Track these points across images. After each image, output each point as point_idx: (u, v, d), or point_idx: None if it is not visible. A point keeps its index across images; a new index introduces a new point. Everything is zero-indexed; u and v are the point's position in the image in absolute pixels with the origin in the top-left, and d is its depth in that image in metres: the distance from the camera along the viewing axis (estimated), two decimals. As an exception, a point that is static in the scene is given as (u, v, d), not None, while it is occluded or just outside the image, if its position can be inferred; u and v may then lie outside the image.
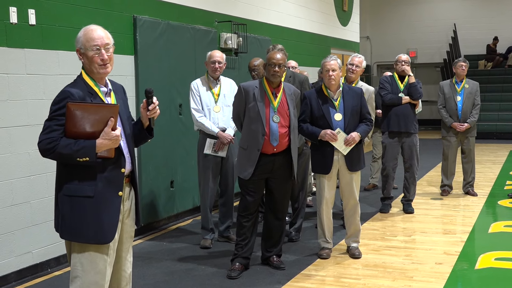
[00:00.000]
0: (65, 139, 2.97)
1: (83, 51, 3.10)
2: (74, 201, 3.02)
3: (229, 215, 6.02)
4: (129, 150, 3.22)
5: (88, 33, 3.11)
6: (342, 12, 13.47)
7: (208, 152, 5.73)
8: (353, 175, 5.30)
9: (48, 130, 2.99)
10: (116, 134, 3.01)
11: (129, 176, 3.24)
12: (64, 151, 2.95)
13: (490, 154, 12.73)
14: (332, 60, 5.22)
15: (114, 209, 3.10)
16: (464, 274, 5.03)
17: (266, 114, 4.86)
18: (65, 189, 3.05)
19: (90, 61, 3.09)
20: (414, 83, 6.95)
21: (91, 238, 3.03)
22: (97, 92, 3.11)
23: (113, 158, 3.07)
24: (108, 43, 3.13)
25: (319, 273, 5.04)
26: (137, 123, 3.35)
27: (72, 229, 3.04)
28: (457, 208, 7.50)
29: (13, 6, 4.85)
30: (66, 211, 3.04)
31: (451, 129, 7.93)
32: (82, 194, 3.02)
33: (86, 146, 2.95)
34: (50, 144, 2.96)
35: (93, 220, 3.02)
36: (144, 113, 3.25)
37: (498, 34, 18.91)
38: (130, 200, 3.28)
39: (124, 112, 3.24)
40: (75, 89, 3.04)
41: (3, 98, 4.81)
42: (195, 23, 7.38)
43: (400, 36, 20.04)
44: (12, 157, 4.90)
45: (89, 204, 3.02)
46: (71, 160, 2.97)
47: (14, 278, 4.93)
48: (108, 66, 3.12)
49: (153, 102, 3.22)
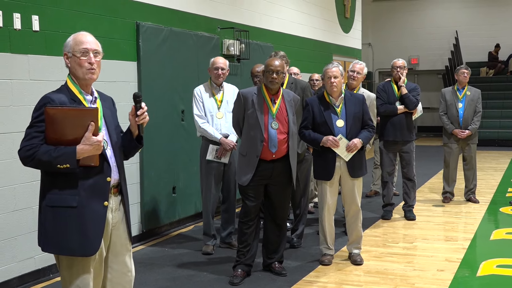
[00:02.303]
0: (45, 145, 2.87)
1: (70, 54, 3.04)
2: (57, 211, 2.93)
3: (231, 221, 6.02)
4: (116, 160, 3.11)
5: (77, 37, 3.05)
6: (344, 19, 13.50)
7: (210, 158, 5.75)
8: (355, 182, 5.31)
9: (28, 137, 2.90)
10: (97, 140, 2.89)
11: (117, 186, 3.14)
12: (43, 157, 2.85)
13: (492, 161, 12.73)
14: (334, 67, 5.24)
15: (99, 220, 2.97)
16: (465, 281, 5.02)
17: (265, 121, 4.87)
18: (47, 199, 2.96)
19: (77, 64, 3.01)
20: (406, 94, 6.89)
21: (74, 250, 2.92)
22: (81, 99, 3.02)
23: (97, 166, 2.96)
24: (97, 50, 3.06)
25: (321, 280, 5.04)
26: (126, 134, 3.23)
27: (56, 241, 2.93)
28: (458, 215, 7.50)
29: (17, 12, 4.87)
30: (49, 223, 2.94)
31: (452, 136, 7.94)
32: (65, 205, 2.92)
33: (66, 153, 2.84)
34: (29, 151, 2.87)
35: (76, 232, 2.91)
36: (132, 120, 3.14)
37: (500, 41, 18.93)
38: (120, 212, 3.17)
39: (111, 122, 3.15)
40: (56, 95, 2.97)
41: (7, 104, 4.83)
42: (198, 30, 7.40)
43: (402, 43, 20.07)
44: (15, 163, 4.89)
45: (72, 214, 2.91)
46: (51, 167, 2.86)
47: (16, 284, 4.94)
48: (95, 72, 3.04)
49: (142, 107, 3.10)
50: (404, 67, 7.07)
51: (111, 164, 3.06)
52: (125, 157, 3.26)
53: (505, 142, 15.97)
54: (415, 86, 7.10)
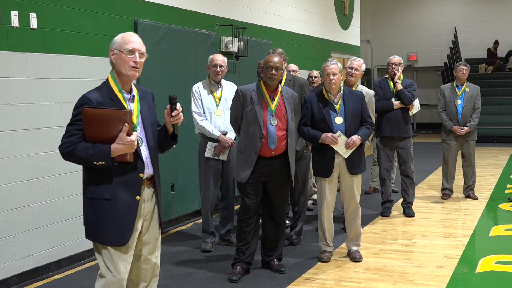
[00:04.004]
0: (83, 143, 3.09)
1: (117, 51, 3.19)
2: (95, 203, 3.17)
3: (230, 219, 6.02)
4: (150, 155, 3.30)
5: (126, 36, 3.22)
6: (343, 16, 13.49)
7: (209, 156, 5.75)
8: (354, 178, 5.31)
9: (68, 134, 3.13)
10: (130, 140, 3.09)
11: (151, 179, 3.33)
12: (81, 154, 3.08)
13: (491, 157, 12.73)
14: (332, 64, 5.23)
15: (131, 212, 3.20)
16: (464, 277, 5.02)
17: (264, 117, 4.87)
18: (87, 191, 3.20)
19: (122, 61, 3.18)
20: (401, 90, 6.93)
21: (108, 240, 3.18)
22: (119, 98, 3.21)
23: (131, 162, 3.16)
24: (142, 51, 3.23)
25: (320, 277, 5.04)
26: (162, 129, 3.44)
27: (93, 230, 3.20)
28: (457, 212, 7.50)
29: (15, 10, 4.86)
30: (88, 213, 3.21)
31: (451, 133, 7.94)
32: (101, 197, 3.15)
33: (102, 151, 3.06)
34: (69, 148, 3.10)
35: (110, 222, 3.16)
36: (168, 119, 3.35)
37: (499, 37, 18.93)
38: (153, 202, 3.37)
39: (148, 117, 3.33)
40: (94, 95, 3.16)
41: (5, 102, 4.82)
42: (196, 27, 7.40)
43: (400, 40, 20.07)
44: (13, 161, 4.91)
45: (106, 206, 3.15)
46: (88, 163, 3.10)
47: (15, 282, 4.94)
48: (138, 70, 3.21)
49: (177, 108, 3.31)
50: (400, 64, 7.10)
51: (145, 160, 3.26)
52: (160, 151, 3.47)
53: (504, 138, 15.98)
54: (411, 82, 7.12)
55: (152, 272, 3.47)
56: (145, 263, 3.42)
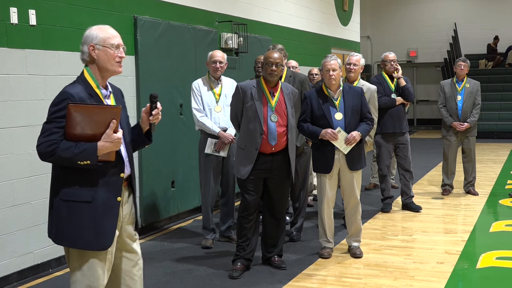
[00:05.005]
0: (65, 141, 2.87)
1: (100, 47, 3.01)
2: (72, 206, 2.93)
3: (230, 215, 6.02)
4: (128, 154, 3.14)
5: (106, 29, 3.07)
6: (343, 12, 13.47)
7: (209, 152, 5.74)
8: (354, 174, 5.30)
9: (48, 132, 2.89)
10: (118, 137, 2.93)
11: (127, 179, 3.16)
12: (64, 154, 2.85)
13: (491, 153, 12.72)
14: (332, 60, 5.22)
15: (113, 215, 3.01)
16: (465, 273, 5.02)
17: (264, 113, 4.86)
18: (61, 193, 2.95)
19: (108, 57, 3.02)
20: (406, 86, 7.03)
21: (89, 244, 2.95)
22: (98, 94, 3.02)
23: (113, 161, 2.99)
24: (123, 44, 3.11)
25: (320, 273, 5.04)
26: (135, 128, 3.26)
27: (70, 235, 2.95)
28: (458, 208, 7.50)
29: (14, 6, 4.85)
30: (63, 217, 2.94)
31: (451, 129, 7.93)
32: (80, 199, 2.93)
33: (87, 149, 2.86)
34: (50, 147, 2.86)
35: (91, 226, 2.93)
36: (145, 117, 3.19)
37: (499, 33, 18.90)
38: (129, 204, 3.20)
39: (124, 116, 3.15)
40: (74, 90, 2.94)
41: (4, 99, 4.81)
42: (196, 23, 7.38)
43: (400, 36, 20.04)
44: (13, 158, 4.90)
45: (87, 209, 2.93)
46: (72, 163, 2.87)
47: (16, 279, 4.94)
48: (121, 65, 3.09)
49: (157, 107, 3.15)
50: (396, 60, 7.14)
51: (124, 159, 3.09)
52: (132, 150, 3.28)
53: (504, 134, 15.97)
54: (406, 78, 7.17)
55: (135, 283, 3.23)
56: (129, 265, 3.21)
